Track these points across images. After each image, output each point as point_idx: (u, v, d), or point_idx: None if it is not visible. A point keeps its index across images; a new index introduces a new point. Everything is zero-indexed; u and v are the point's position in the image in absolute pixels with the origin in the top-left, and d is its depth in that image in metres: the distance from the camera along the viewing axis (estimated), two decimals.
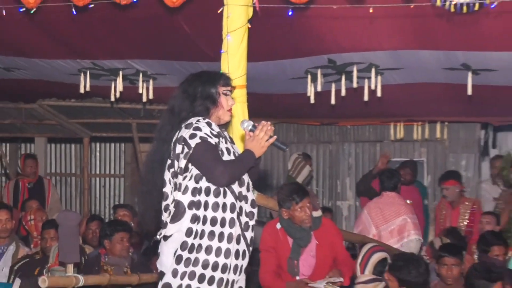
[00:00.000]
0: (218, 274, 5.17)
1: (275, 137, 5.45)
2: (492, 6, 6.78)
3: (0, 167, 14.58)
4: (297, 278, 7.44)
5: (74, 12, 7.55)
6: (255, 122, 5.61)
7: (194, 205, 5.16)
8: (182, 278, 5.15)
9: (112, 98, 10.70)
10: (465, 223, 10.90)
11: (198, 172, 5.16)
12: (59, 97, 12.13)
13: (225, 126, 5.50)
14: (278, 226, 7.66)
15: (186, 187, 5.17)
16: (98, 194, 16.73)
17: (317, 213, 7.69)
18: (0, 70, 10.84)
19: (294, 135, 15.34)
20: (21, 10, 7.71)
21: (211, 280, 5.15)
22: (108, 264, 8.70)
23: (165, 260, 5.24)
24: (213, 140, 5.19)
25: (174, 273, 5.17)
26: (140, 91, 10.65)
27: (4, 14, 7.97)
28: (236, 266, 5.25)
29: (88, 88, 10.47)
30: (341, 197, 15.39)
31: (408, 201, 11.21)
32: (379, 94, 9.88)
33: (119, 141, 16.43)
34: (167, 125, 5.36)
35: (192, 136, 5.13)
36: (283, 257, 7.61)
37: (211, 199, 5.16)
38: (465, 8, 6.56)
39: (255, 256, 7.21)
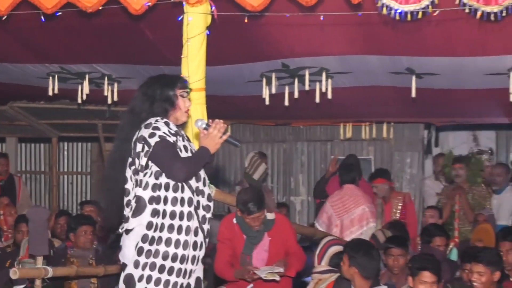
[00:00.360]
0: (177, 265, 5.17)
1: (228, 133, 5.46)
2: (434, 14, 6.83)
3: None
4: None
5: (43, 20, 7.53)
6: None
7: (154, 200, 5.15)
8: (143, 269, 5.15)
9: (79, 100, 10.65)
10: (398, 215, 10.92)
11: (157, 169, 5.17)
12: (29, 99, 12.07)
13: (182, 125, 5.49)
14: (234, 221, 7.65)
15: (147, 183, 5.16)
16: (66, 191, 16.66)
17: (271, 216, 7.67)
18: None
19: (250, 134, 15.33)
20: None
21: (170, 271, 5.15)
22: (73, 256, 8.68)
23: (127, 252, 5.22)
24: (171, 139, 5.20)
25: (136, 264, 5.16)
26: (106, 94, 10.62)
27: None
28: (194, 256, 5.26)
29: (56, 91, 10.42)
30: (295, 193, 15.41)
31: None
32: (329, 96, 9.89)
33: (86, 140, 16.38)
34: (128, 125, 5.36)
35: (152, 135, 5.13)
36: (238, 250, 7.62)
37: (170, 194, 5.16)
38: (409, 16, 6.58)
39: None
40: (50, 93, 10.44)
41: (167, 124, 5.23)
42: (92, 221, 9.18)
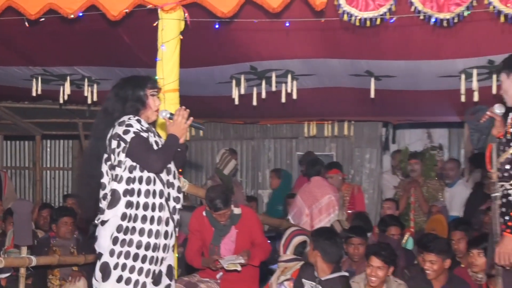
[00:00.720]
0: (149, 253, 5.17)
1: (191, 119, 5.50)
2: (391, 20, 6.85)
3: None
4: None
5: (27, 25, 7.49)
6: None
7: (128, 192, 5.16)
8: (118, 257, 5.15)
9: (61, 101, 10.60)
10: (346, 205, 10.94)
11: (131, 163, 5.18)
12: (13, 100, 12.01)
13: (153, 123, 5.48)
14: (204, 214, 7.65)
15: (121, 177, 5.17)
16: (49, 185, 16.58)
17: (238, 210, 7.67)
18: None
19: (221, 132, 15.32)
20: None
21: (143, 259, 5.16)
22: (56, 245, 8.66)
23: (103, 242, 5.22)
24: (144, 134, 5.20)
25: (111, 253, 5.16)
26: (86, 94, 10.58)
27: None
28: (165, 245, 5.27)
29: (39, 92, 10.38)
30: (262, 186, 15.39)
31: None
32: (294, 96, 9.90)
33: (67, 138, 16.30)
34: (102, 124, 5.37)
35: (126, 132, 5.14)
36: (207, 241, 7.64)
37: (143, 187, 5.18)
38: (368, 22, 6.60)
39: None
40: (34, 93, 10.40)
41: (139, 121, 5.26)
42: (73, 213, 9.21)
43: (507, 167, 5.52)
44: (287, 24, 7.44)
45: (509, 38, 7.62)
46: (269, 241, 8.04)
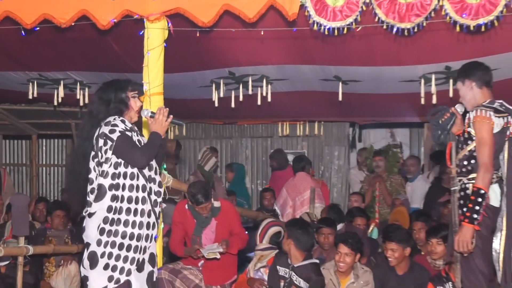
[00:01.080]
0: (134, 242, 5.17)
1: (171, 116, 5.52)
2: (357, 30, 6.86)
3: None
4: None
5: (23, 34, 7.45)
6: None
7: (113, 187, 5.16)
8: (105, 246, 5.14)
9: (55, 103, 10.54)
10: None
11: (116, 160, 5.18)
12: (11, 102, 11.93)
13: (135, 123, 5.48)
14: (186, 207, 7.64)
15: (107, 173, 5.17)
16: (45, 181, 16.48)
17: (217, 203, 7.65)
18: None
19: (202, 132, 15.28)
20: None
21: (128, 248, 5.15)
22: (52, 236, 8.66)
23: (90, 233, 5.21)
24: (129, 133, 5.20)
25: (99, 243, 5.15)
26: (78, 97, 10.54)
27: None
28: (147, 235, 5.26)
29: (35, 95, 10.32)
30: None
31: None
32: (269, 99, 9.90)
33: (61, 137, 16.20)
34: (87, 125, 5.37)
35: (112, 131, 5.14)
36: (189, 231, 7.62)
37: (127, 182, 5.18)
38: (336, 31, 6.61)
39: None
40: (30, 96, 10.34)
41: (123, 121, 5.27)
42: (65, 206, 9.19)
43: (465, 163, 5.56)
44: (262, 33, 7.45)
45: (464, 46, 7.66)
46: (246, 232, 8.04)
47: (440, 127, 5.96)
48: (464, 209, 5.51)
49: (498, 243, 5.42)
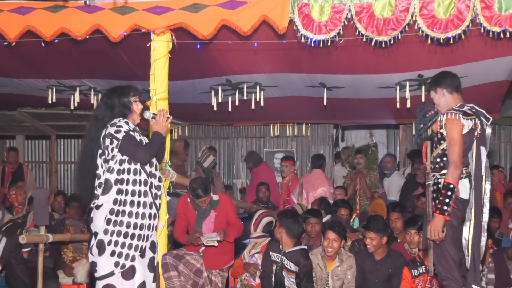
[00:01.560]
0: (137, 231, 5.16)
1: (171, 117, 5.54)
2: (340, 42, 6.87)
3: None
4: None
5: (43, 45, 7.45)
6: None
7: (118, 181, 5.16)
8: (111, 235, 5.13)
9: (72, 107, 10.51)
10: (285, 195, 10.85)
11: (121, 157, 5.18)
12: (33, 106, 11.90)
13: (138, 125, 5.47)
14: (188, 200, 7.64)
15: (113, 169, 5.16)
16: (63, 176, 16.37)
17: (216, 197, 7.66)
18: None
19: (202, 133, 15.25)
20: (4, 43, 7.56)
21: (132, 236, 5.15)
22: (69, 225, 8.63)
23: (98, 223, 5.19)
24: (133, 133, 5.20)
25: (105, 232, 5.14)
26: (92, 102, 10.50)
27: None
28: (149, 225, 5.25)
29: (54, 100, 10.28)
30: (236, 177, 15.31)
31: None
32: (262, 104, 9.89)
33: (77, 138, 16.07)
34: (94, 128, 5.35)
35: (117, 131, 5.14)
36: (191, 222, 7.61)
37: (131, 177, 5.18)
38: (321, 43, 6.63)
39: None
40: (50, 101, 10.30)
41: (127, 123, 5.26)
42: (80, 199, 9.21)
43: (438, 160, 5.57)
44: (256, 45, 7.47)
45: (435, 56, 7.68)
46: (242, 222, 8.05)
47: (423, 121, 5.99)
48: (436, 201, 5.52)
49: (467, 232, 5.44)
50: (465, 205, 5.47)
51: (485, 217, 5.52)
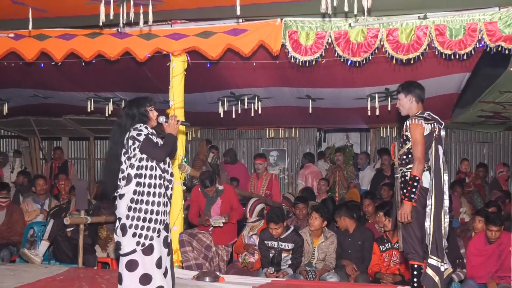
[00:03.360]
0: (154, 216, 5.12)
1: (180, 120, 5.48)
2: (322, 62, 6.89)
3: (41, 155, 14.23)
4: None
5: (83, 65, 7.48)
6: (190, 127, 5.67)
7: (138, 176, 5.11)
8: (132, 220, 5.09)
9: (106, 114, 10.53)
10: (265, 188, 10.69)
11: (141, 156, 5.12)
12: (75, 114, 11.88)
13: (154, 129, 5.43)
14: (199, 189, 7.65)
15: (134, 165, 5.12)
16: (99, 170, 16.39)
17: (221, 187, 7.66)
18: (40, 98, 10.58)
19: (211, 135, 15.18)
20: (52, 63, 7.58)
21: (150, 220, 5.10)
22: (105, 208, 8.57)
23: (121, 210, 5.14)
24: (151, 136, 5.19)
25: (127, 217, 5.10)
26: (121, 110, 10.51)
27: (42, 66, 7.85)
28: (163, 211, 5.20)
29: (92, 108, 10.30)
30: None
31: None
32: (260, 112, 9.91)
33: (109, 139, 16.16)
34: (117, 134, 5.27)
35: (139, 134, 5.11)
36: (202, 207, 7.63)
37: (148, 172, 5.13)
38: (307, 63, 6.64)
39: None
40: (88, 110, 10.32)
41: (146, 128, 5.21)
42: None
43: (404, 157, 5.57)
44: (255, 64, 7.49)
45: (399, 73, 7.67)
46: (243, 207, 8.06)
47: None
48: (404, 191, 5.52)
49: (429, 214, 5.44)
50: (427, 193, 5.48)
51: (446, 202, 5.52)
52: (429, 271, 5.43)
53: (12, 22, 7.17)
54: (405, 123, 5.65)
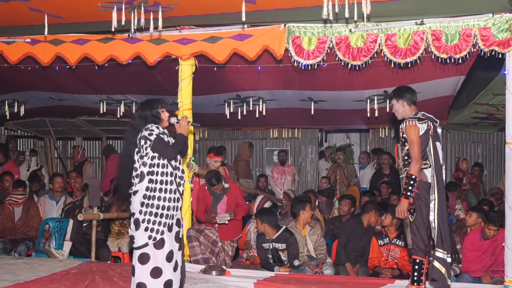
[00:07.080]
0: (165, 212, 5.12)
1: (191, 121, 5.54)
2: (324, 65, 6.88)
3: (56, 154, 14.25)
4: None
5: (96, 68, 7.48)
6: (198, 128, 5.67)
7: (150, 173, 5.12)
8: (145, 215, 5.09)
9: (118, 116, 10.52)
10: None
11: (152, 154, 5.12)
12: (88, 115, 11.91)
13: (165, 129, 5.43)
14: (206, 188, 7.64)
15: (146, 163, 5.12)
16: None
17: (227, 185, 7.65)
18: (56, 101, 10.58)
19: (218, 135, 15.19)
20: (67, 67, 7.59)
21: (161, 215, 5.10)
22: (117, 205, 8.57)
23: (135, 205, 5.15)
24: (162, 136, 5.19)
25: (140, 212, 5.10)
26: (134, 112, 10.50)
27: (57, 70, 7.86)
28: (174, 206, 5.20)
29: (105, 110, 10.30)
30: None
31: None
32: (264, 113, 9.90)
33: (123, 139, 16.10)
34: (131, 135, 5.27)
35: (150, 134, 5.12)
36: (208, 204, 7.60)
37: (160, 170, 5.13)
38: (309, 67, 6.63)
39: None
40: (101, 111, 10.33)
41: (157, 127, 5.21)
42: None
43: (406, 158, 5.55)
44: (259, 68, 7.48)
45: (397, 76, 7.67)
46: (248, 203, 8.06)
47: None
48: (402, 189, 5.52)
49: (433, 209, 5.42)
50: (429, 188, 5.46)
51: None
52: (436, 263, 5.47)
53: (28, 28, 7.19)
54: (400, 126, 5.65)
